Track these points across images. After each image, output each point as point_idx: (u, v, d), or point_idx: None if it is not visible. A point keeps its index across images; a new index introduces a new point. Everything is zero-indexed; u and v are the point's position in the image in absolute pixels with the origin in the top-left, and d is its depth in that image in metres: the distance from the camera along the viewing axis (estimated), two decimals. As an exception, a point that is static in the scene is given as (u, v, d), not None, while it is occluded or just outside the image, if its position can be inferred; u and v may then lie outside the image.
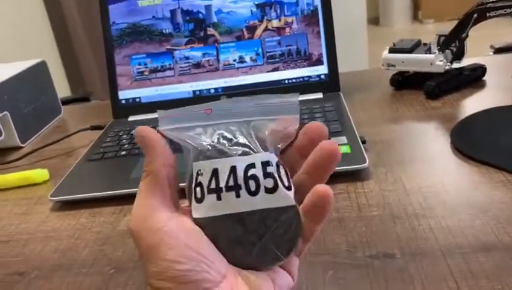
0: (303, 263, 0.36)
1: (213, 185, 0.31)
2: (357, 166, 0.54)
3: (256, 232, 0.31)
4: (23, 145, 0.81)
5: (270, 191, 0.31)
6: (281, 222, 0.31)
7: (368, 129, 0.65)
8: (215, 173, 0.31)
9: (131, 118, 0.80)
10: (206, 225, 0.31)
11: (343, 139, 0.60)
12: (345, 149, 0.57)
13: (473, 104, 0.70)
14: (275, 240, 0.32)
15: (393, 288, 0.38)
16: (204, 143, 0.32)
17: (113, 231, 0.52)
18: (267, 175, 0.31)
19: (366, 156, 0.55)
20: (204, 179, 0.31)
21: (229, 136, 0.32)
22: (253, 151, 0.31)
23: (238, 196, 0.31)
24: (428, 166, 0.55)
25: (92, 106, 1.08)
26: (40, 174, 0.66)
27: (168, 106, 0.33)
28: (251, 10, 0.78)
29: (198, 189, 0.31)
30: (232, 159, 0.31)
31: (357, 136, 0.60)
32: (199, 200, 0.31)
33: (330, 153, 0.32)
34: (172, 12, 0.80)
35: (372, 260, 0.41)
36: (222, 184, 0.31)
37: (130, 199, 0.56)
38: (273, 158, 0.32)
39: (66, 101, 1.00)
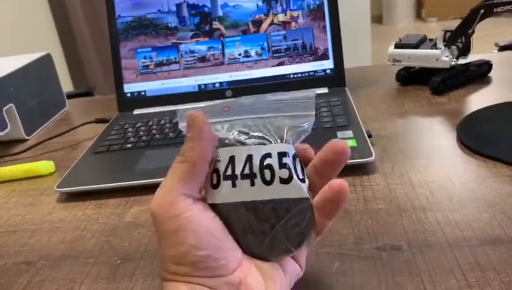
0: (309, 254, 0.36)
1: (229, 172, 0.31)
2: (363, 160, 0.54)
3: (268, 221, 0.32)
4: (28, 138, 0.81)
5: (284, 181, 0.31)
6: (293, 214, 0.31)
7: (374, 124, 0.65)
8: (231, 160, 0.31)
9: (136, 112, 0.80)
10: (220, 211, 0.32)
11: (349, 133, 0.60)
12: (351, 143, 0.57)
13: (478, 99, 0.70)
14: (286, 231, 0.32)
15: (400, 280, 0.38)
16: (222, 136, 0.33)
17: (120, 223, 0.52)
18: (282, 166, 0.31)
19: (372, 150, 0.55)
20: (221, 166, 0.32)
21: (247, 130, 0.33)
22: (270, 142, 0.32)
23: (252, 184, 0.31)
24: (435, 160, 0.55)
25: (95, 100, 1.08)
26: (46, 166, 0.66)
27: (173, 99, 0.33)
28: (257, 4, 0.78)
29: (214, 175, 0.32)
30: (249, 148, 0.31)
31: (363, 130, 0.60)
32: (215, 186, 0.32)
33: (340, 150, 0.32)
34: (178, 6, 0.80)
35: (379, 252, 0.41)
36: (238, 171, 0.31)
37: (135, 190, 0.57)
38: (290, 149, 0.32)
39: (69, 96, 1.00)
